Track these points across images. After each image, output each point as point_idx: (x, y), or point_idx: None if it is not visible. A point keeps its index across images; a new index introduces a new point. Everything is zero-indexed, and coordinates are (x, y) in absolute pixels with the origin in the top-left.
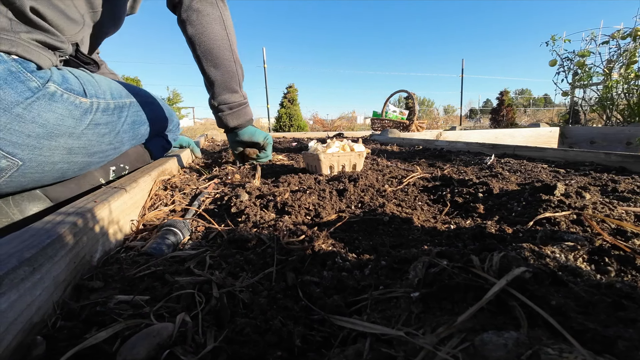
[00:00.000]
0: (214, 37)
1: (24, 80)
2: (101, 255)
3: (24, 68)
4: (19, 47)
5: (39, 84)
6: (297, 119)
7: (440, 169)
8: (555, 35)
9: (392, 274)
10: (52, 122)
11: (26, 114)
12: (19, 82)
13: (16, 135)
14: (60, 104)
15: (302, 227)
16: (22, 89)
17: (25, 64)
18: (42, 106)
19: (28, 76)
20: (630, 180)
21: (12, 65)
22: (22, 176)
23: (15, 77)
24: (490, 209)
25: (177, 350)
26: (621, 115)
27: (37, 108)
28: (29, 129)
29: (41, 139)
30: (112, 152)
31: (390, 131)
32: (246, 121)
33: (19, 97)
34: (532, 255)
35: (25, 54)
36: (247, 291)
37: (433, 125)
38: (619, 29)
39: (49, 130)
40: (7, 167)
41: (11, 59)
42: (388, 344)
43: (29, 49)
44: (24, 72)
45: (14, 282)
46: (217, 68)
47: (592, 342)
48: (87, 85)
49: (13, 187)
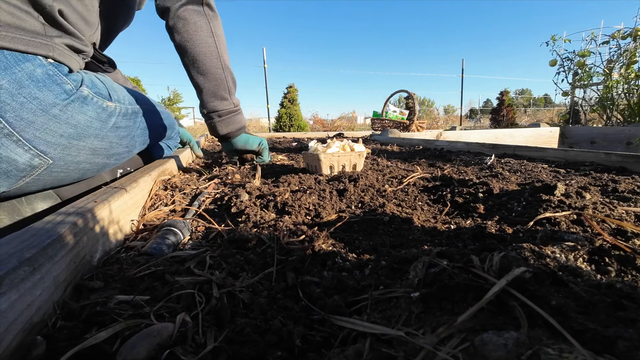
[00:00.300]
0: (200, 45)
1: (60, 83)
2: (101, 255)
3: (59, 71)
4: (55, 51)
5: (73, 87)
6: (298, 119)
7: (441, 169)
8: (555, 35)
9: (392, 274)
10: (82, 124)
11: (61, 115)
12: (56, 85)
13: (51, 135)
14: (90, 106)
15: (302, 227)
16: (59, 91)
17: (60, 68)
18: (75, 108)
19: (64, 79)
20: (631, 180)
21: (50, 69)
22: (49, 175)
23: (53, 80)
24: (490, 209)
25: (177, 350)
26: (621, 115)
27: (71, 110)
28: (63, 129)
29: (72, 139)
30: (125, 155)
31: (391, 131)
32: (237, 129)
33: (56, 99)
34: (532, 255)
35: (60, 57)
36: (247, 291)
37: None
38: (619, 29)
39: (80, 131)
40: (38, 165)
41: (48, 63)
42: (388, 344)
43: (63, 53)
44: (60, 76)
45: (14, 282)
46: (204, 76)
47: (592, 342)
48: (111, 89)
49: (38, 185)
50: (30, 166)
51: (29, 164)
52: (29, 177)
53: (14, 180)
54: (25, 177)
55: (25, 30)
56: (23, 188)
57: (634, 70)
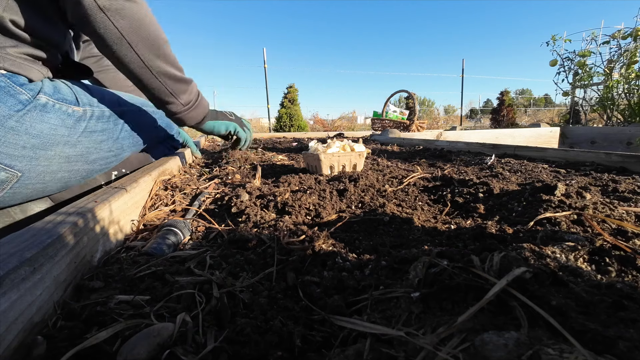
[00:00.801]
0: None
1: (13, 94)
2: (102, 255)
3: (12, 82)
4: (6, 62)
5: (29, 97)
6: (298, 119)
7: (441, 169)
8: (555, 35)
9: (392, 274)
10: (45, 132)
11: (19, 126)
12: (9, 96)
13: (12, 148)
14: (52, 114)
15: (302, 227)
16: (13, 102)
17: (14, 78)
18: (34, 117)
19: (18, 90)
20: (631, 180)
21: (1, 80)
22: (25, 187)
23: (5, 91)
24: (490, 209)
25: (177, 350)
26: (622, 115)
27: (30, 119)
28: (24, 141)
29: (37, 149)
30: (113, 159)
31: (391, 131)
32: (199, 120)
33: (10, 110)
34: (532, 255)
35: (14, 68)
36: (247, 291)
37: (433, 125)
38: (619, 29)
39: (44, 140)
40: (7, 179)
41: (0, 74)
42: (388, 344)
43: (17, 63)
44: (13, 86)
45: (15, 282)
46: (144, 90)
47: (592, 343)
48: (79, 94)
49: (19, 199)
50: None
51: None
52: (2, 191)
53: None
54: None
55: None
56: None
57: (635, 70)
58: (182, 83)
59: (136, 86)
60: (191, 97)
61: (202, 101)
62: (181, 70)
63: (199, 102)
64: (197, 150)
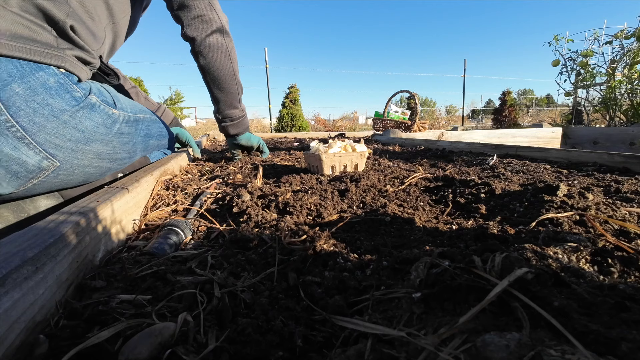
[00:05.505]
0: (220, 67)
1: (70, 91)
2: (103, 254)
3: (70, 80)
4: (66, 62)
5: (82, 95)
6: (299, 119)
7: (442, 169)
8: (558, 35)
9: (393, 274)
10: (89, 129)
11: (71, 120)
12: (67, 93)
13: (60, 139)
14: (97, 113)
15: (303, 227)
16: (69, 98)
17: (71, 77)
18: (83, 114)
19: (74, 87)
20: (634, 180)
21: (61, 78)
22: (55, 177)
23: (64, 88)
24: (492, 210)
25: (178, 349)
26: (624, 115)
27: (80, 116)
28: (71, 134)
29: (79, 143)
30: (127, 161)
31: (392, 131)
32: (244, 129)
33: (66, 105)
34: (534, 256)
35: (71, 68)
36: (248, 291)
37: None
38: (622, 29)
39: (87, 136)
40: (46, 168)
41: (60, 72)
42: (390, 345)
43: (73, 64)
44: (70, 84)
45: (17, 281)
46: (222, 91)
47: (595, 344)
48: (115, 98)
49: (44, 188)
50: (39, 168)
51: (38, 166)
52: (37, 178)
53: (23, 181)
54: (34, 179)
55: (39, 42)
56: (30, 190)
57: (637, 71)
58: (242, 93)
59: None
60: (244, 107)
61: (247, 115)
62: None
63: (246, 115)
64: (198, 151)
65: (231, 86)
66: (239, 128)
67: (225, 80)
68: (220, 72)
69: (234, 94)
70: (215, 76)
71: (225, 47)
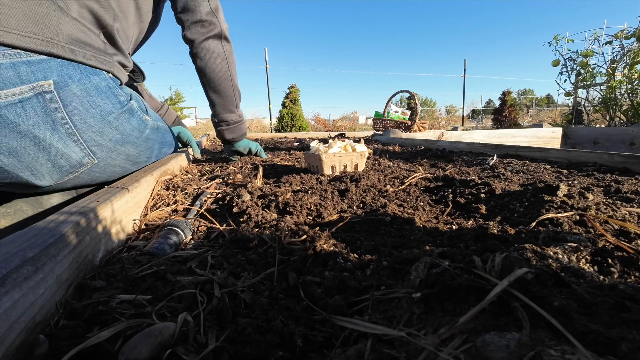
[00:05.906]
0: (216, 69)
1: (117, 95)
2: (104, 254)
3: (116, 85)
4: (114, 67)
5: (125, 99)
6: (299, 119)
7: (442, 169)
8: (558, 35)
9: (393, 274)
10: (127, 132)
11: (114, 122)
12: (114, 96)
13: (103, 138)
14: (135, 118)
15: (303, 227)
16: (115, 101)
17: (116, 81)
18: (125, 117)
19: (119, 92)
20: (634, 181)
21: (110, 83)
22: (88, 174)
23: (112, 92)
24: (492, 210)
25: (178, 349)
26: (624, 115)
27: (122, 118)
28: (112, 134)
29: (117, 143)
30: (144, 164)
31: (392, 131)
32: (240, 135)
33: (113, 107)
34: (534, 256)
35: (117, 73)
36: (248, 291)
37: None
38: (622, 29)
39: (124, 138)
40: (86, 164)
41: (109, 77)
42: (389, 345)
43: (118, 69)
44: (117, 89)
45: (17, 281)
46: (218, 93)
47: (595, 344)
48: (146, 105)
49: (74, 183)
50: (80, 164)
51: (79, 162)
52: (74, 174)
53: (62, 175)
54: (71, 174)
55: (92, 47)
56: (62, 184)
57: (638, 71)
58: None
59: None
60: (242, 114)
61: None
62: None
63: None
64: (198, 151)
65: (227, 89)
66: (235, 133)
67: (221, 83)
68: (216, 74)
69: (230, 97)
70: (211, 78)
71: (222, 50)
